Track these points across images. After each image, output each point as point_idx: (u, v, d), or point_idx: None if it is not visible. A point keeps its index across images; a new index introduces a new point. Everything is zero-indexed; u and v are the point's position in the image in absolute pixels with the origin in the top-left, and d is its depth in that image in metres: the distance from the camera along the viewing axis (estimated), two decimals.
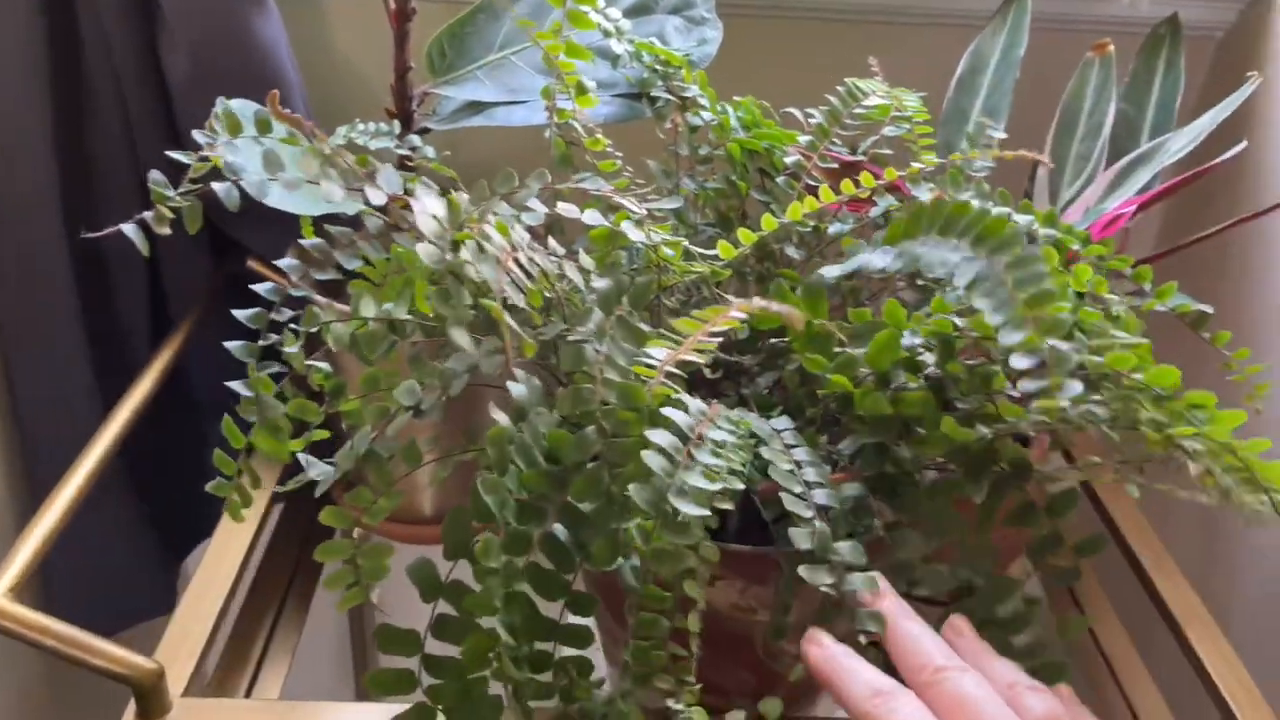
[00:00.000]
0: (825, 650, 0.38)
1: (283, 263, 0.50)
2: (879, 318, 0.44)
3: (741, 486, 0.37)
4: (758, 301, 0.31)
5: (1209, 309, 0.53)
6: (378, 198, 0.46)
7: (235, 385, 0.46)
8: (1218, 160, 0.61)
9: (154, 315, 0.78)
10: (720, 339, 0.37)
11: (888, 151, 0.59)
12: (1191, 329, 0.53)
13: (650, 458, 0.36)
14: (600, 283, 0.41)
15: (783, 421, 0.44)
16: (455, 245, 0.38)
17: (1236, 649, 0.59)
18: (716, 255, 0.49)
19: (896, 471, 0.44)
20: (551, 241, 0.46)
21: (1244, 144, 0.63)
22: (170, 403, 0.76)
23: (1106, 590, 0.71)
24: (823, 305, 0.45)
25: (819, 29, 0.83)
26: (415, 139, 0.61)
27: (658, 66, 0.60)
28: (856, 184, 0.48)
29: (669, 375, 0.37)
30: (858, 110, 0.58)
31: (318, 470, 0.45)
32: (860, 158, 0.59)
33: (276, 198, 0.48)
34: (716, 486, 0.35)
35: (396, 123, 0.63)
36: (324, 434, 0.47)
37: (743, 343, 0.52)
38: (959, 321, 0.43)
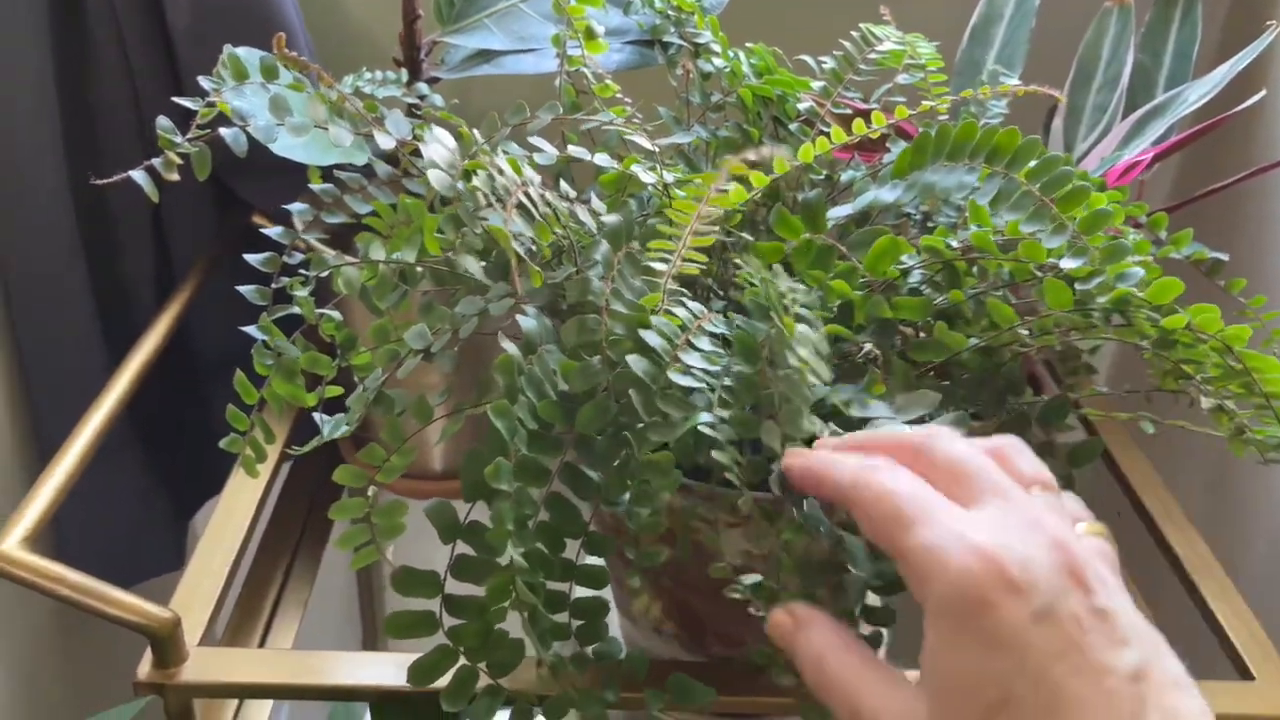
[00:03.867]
0: (804, 457, 0.36)
1: (293, 207, 0.50)
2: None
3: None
4: (748, 154, 0.30)
5: (1224, 256, 0.53)
6: (387, 142, 0.46)
7: (250, 330, 0.46)
8: (1234, 110, 0.60)
9: (159, 269, 0.78)
10: (716, 230, 0.37)
11: (901, 100, 0.58)
12: (1207, 276, 0.53)
13: (649, 336, 0.35)
14: (610, 218, 0.41)
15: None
16: (466, 175, 0.37)
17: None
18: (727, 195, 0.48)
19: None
20: (563, 184, 0.45)
21: (1263, 93, 0.62)
22: (178, 360, 0.76)
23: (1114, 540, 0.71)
24: (822, 221, 0.44)
25: None
26: (423, 88, 0.60)
27: (670, 12, 0.59)
28: (868, 123, 0.48)
29: None
30: (871, 56, 0.57)
31: (331, 423, 0.45)
32: (874, 105, 0.58)
33: (284, 144, 0.48)
34: (717, 367, 0.35)
35: (404, 72, 0.62)
36: (337, 390, 0.47)
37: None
38: (954, 243, 0.42)
